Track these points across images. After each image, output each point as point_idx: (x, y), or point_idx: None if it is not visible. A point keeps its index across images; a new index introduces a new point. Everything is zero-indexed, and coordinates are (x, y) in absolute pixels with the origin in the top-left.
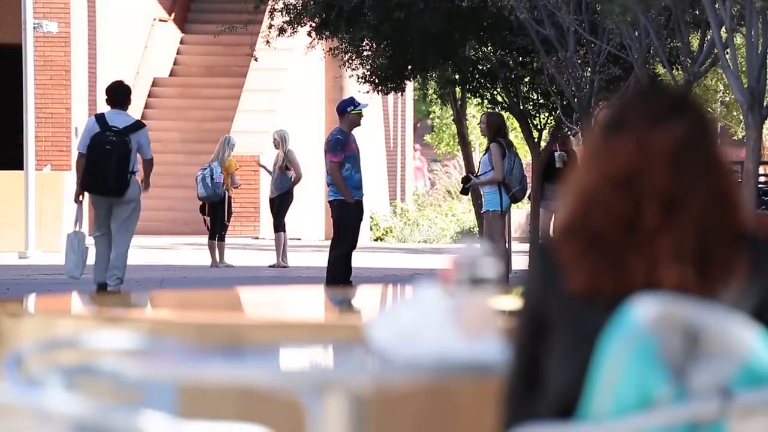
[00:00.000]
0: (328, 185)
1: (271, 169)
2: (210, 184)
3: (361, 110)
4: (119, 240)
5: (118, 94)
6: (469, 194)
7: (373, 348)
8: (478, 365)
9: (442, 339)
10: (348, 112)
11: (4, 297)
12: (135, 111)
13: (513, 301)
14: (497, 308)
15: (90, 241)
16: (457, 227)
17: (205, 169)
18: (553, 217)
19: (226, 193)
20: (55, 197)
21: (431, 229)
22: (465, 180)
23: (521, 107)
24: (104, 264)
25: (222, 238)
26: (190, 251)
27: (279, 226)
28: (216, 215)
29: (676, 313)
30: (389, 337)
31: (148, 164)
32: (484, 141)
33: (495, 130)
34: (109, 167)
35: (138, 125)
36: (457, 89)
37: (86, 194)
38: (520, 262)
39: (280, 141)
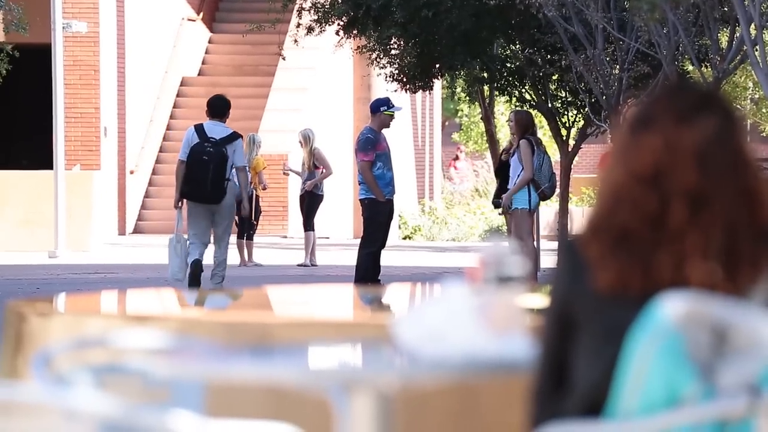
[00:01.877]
0: (359, 184)
1: (299, 170)
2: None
3: (393, 112)
4: (220, 244)
5: (217, 107)
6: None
7: (401, 346)
8: (506, 364)
9: (469, 337)
10: (381, 111)
11: (34, 296)
12: (163, 110)
13: (540, 299)
14: (524, 306)
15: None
16: (486, 225)
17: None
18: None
19: (254, 192)
20: (84, 197)
21: (460, 228)
22: (496, 204)
23: (549, 105)
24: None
25: (250, 237)
26: None
27: (308, 225)
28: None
29: (703, 310)
30: (417, 335)
31: (242, 173)
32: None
33: (523, 128)
34: (206, 176)
35: (234, 136)
36: (485, 87)
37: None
38: (548, 260)
39: (304, 140)
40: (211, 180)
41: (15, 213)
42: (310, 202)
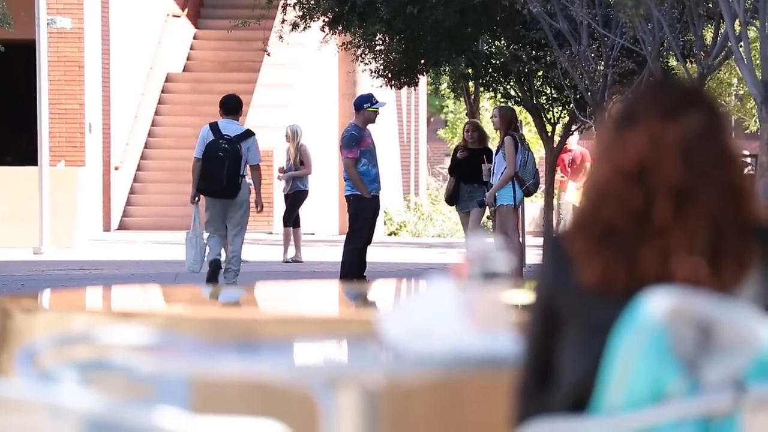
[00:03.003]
0: (345, 180)
1: (286, 166)
2: None
3: (377, 108)
4: (234, 239)
5: (231, 105)
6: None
7: (386, 343)
8: (491, 360)
9: (454, 333)
10: (364, 108)
11: (19, 292)
12: (148, 107)
13: (525, 295)
14: (510, 302)
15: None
16: None
17: None
18: (473, 219)
19: None
20: (69, 193)
21: (445, 224)
22: (481, 204)
23: (534, 101)
24: (212, 257)
25: None
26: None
27: (289, 221)
28: None
29: (688, 306)
30: (402, 331)
31: (256, 171)
32: (497, 136)
33: (507, 123)
34: (221, 172)
35: (248, 134)
36: (471, 83)
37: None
38: (534, 256)
39: (292, 135)
40: (225, 176)
41: None
42: (294, 197)
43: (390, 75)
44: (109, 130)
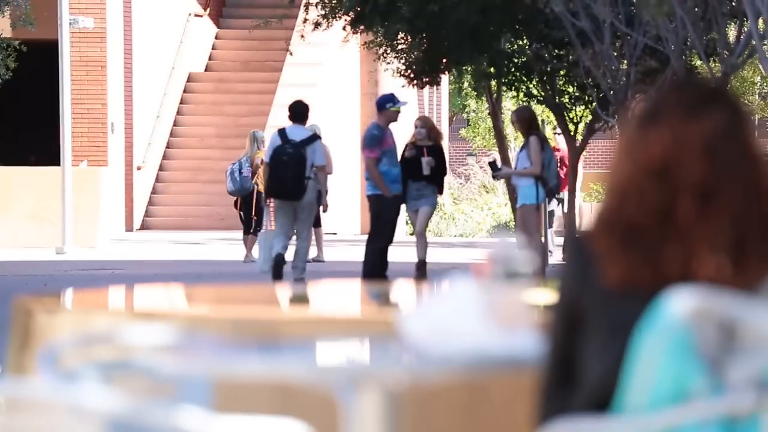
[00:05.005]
0: (366, 180)
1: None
2: (238, 179)
3: (399, 108)
4: (301, 237)
5: (297, 111)
6: (506, 188)
7: (408, 343)
8: (513, 360)
9: (476, 333)
10: (387, 108)
11: (41, 292)
12: (170, 106)
13: (548, 295)
14: (532, 302)
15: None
16: (493, 221)
17: (235, 164)
18: (422, 216)
19: (255, 187)
20: (91, 193)
21: (467, 223)
22: (493, 166)
23: (557, 100)
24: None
25: (254, 233)
26: (226, 246)
27: (315, 221)
28: (247, 210)
29: (712, 305)
30: (424, 331)
31: (321, 172)
32: (520, 135)
33: (527, 123)
34: (286, 175)
35: (313, 138)
36: (493, 83)
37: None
38: (556, 255)
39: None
40: (290, 179)
41: (22, 209)
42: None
43: (412, 74)
44: (132, 129)
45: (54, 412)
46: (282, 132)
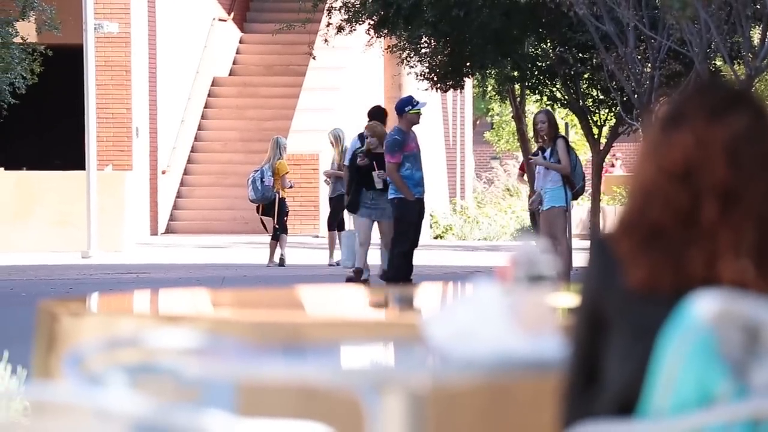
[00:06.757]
0: (389, 184)
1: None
2: (260, 188)
3: (419, 110)
4: (383, 239)
5: (376, 116)
6: (526, 192)
7: (432, 346)
8: (537, 363)
9: (500, 337)
10: (406, 111)
11: (67, 296)
12: (195, 111)
13: (572, 298)
14: (555, 305)
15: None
16: (517, 224)
17: (257, 171)
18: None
19: (277, 195)
20: (116, 197)
21: (491, 227)
22: (533, 154)
23: (581, 104)
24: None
25: (276, 238)
26: (250, 249)
27: (333, 225)
28: (271, 216)
29: (735, 308)
30: (448, 335)
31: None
32: (533, 141)
33: (556, 127)
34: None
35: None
36: (516, 86)
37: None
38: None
39: (335, 140)
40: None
41: (47, 213)
42: (338, 201)
43: (435, 78)
44: (156, 134)
45: (79, 415)
46: (361, 136)
